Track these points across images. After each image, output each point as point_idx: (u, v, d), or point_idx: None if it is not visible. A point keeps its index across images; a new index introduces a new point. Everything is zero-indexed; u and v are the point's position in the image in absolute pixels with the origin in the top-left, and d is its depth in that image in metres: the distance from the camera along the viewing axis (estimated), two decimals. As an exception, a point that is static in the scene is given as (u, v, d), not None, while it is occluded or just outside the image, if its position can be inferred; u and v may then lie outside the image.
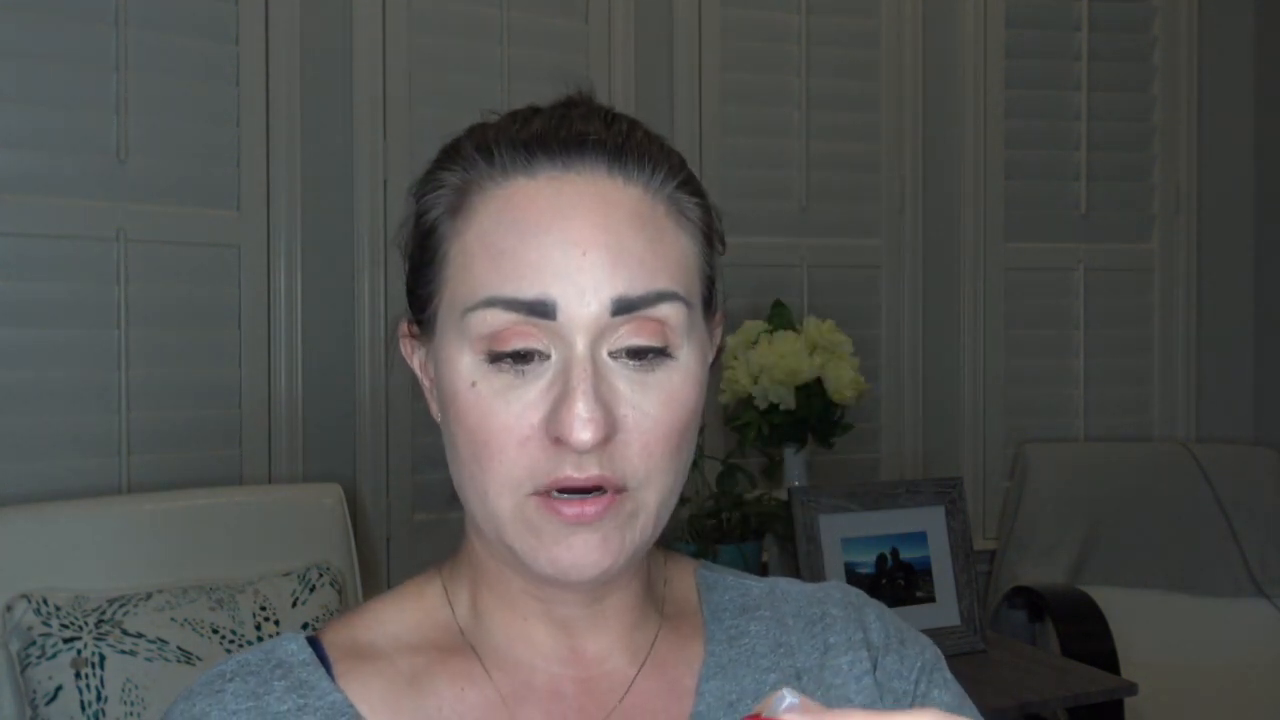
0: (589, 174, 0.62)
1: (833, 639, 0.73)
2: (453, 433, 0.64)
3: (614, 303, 0.61)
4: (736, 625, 0.73)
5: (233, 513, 2.01)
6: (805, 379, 2.21)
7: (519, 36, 2.41)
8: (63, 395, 2.02)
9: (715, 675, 0.70)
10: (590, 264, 0.60)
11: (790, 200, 2.71)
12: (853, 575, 2.07)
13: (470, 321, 0.62)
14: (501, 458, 0.61)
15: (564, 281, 0.60)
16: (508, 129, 0.65)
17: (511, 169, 0.63)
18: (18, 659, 1.71)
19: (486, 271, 0.61)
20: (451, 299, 0.63)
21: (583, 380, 0.60)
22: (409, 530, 2.34)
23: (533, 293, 0.60)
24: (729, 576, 0.77)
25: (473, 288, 0.62)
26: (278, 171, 2.23)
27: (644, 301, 0.61)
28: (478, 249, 0.62)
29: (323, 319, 2.28)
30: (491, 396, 0.61)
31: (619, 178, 0.63)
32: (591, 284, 0.60)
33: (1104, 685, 1.96)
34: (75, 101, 2.03)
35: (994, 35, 2.85)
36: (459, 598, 0.70)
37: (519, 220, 0.61)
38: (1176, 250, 2.99)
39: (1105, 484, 2.79)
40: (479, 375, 0.62)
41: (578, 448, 0.59)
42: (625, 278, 0.61)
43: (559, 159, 0.62)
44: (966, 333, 2.87)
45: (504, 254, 0.61)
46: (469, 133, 0.67)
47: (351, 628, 0.70)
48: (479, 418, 0.61)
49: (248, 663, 0.67)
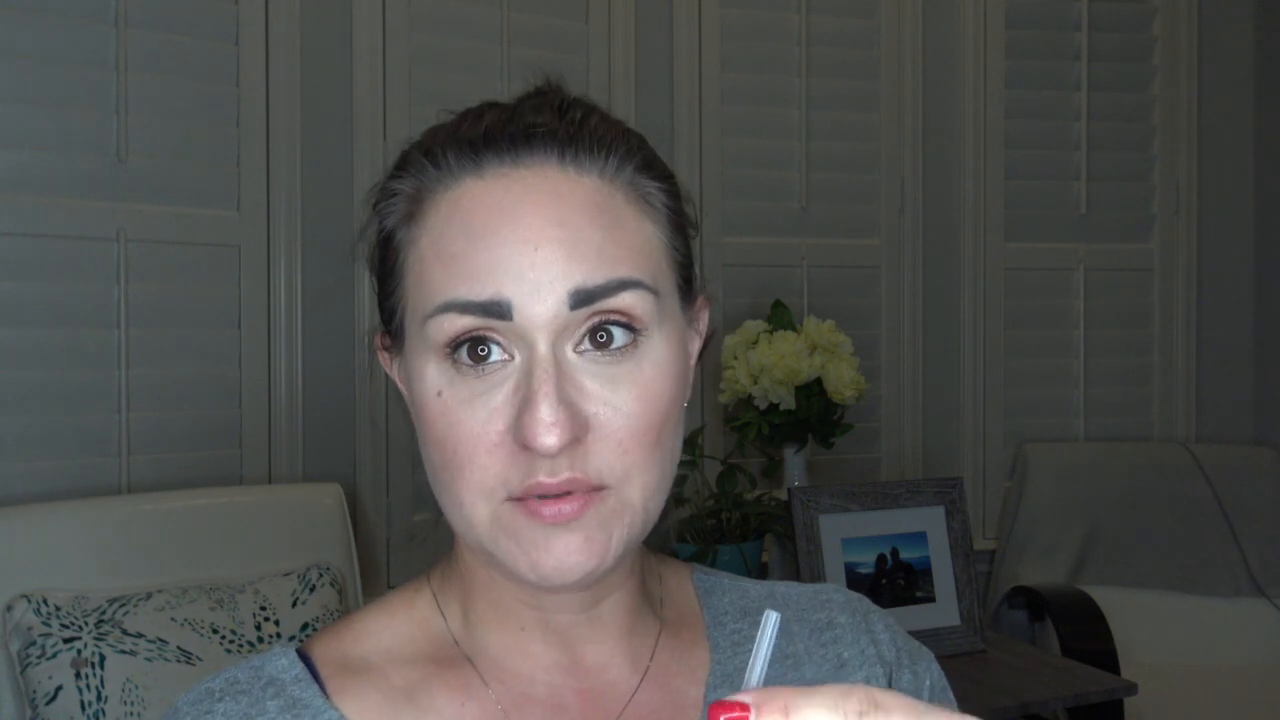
0: (539, 167, 0.61)
1: (845, 653, 0.72)
2: (424, 441, 0.62)
3: (571, 296, 0.59)
4: (739, 630, 0.72)
5: (233, 513, 2.01)
6: (805, 379, 2.21)
7: (519, 36, 2.41)
8: (63, 395, 2.01)
9: (721, 684, 0.68)
10: (543, 259, 0.58)
11: (790, 200, 2.71)
12: (853, 575, 2.07)
13: (429, 329, 0.60)
14: (472, 466, 0.59)
15: (517, 280, 0.58)
16: (456, 130, 0.63)
17: (459, 171, 0.61)
18: (18, 659, 1.71)
19: (440, 277, 0.60)
20: (412, 308, 0.62)
21: (545, 382, 0.58)
22: (409, 530, 2.34)
23: (486, 294, 0.59)
24: (725, 579, 0.75)
25: (429, 294, 0.60)
26: (278, 171, 2.23)
27: (604, 291, 0.59)
28: (431, 255, 0.61)
29: (323, 319, 2.28)
30: (458, 404, 0.59)
31: (570, 168, 0.61)
32: (546, 279, 0.58)
33: (1104, 685, 1.96)
34: (75, 101, 2.03)
35: (994, 35, 2.85)
36: (450, 608, 0.68)
37: (468, 222, 0.60)
38: (1176, 250, 2.99)
39: (1105, 484, 2.79)
40: (444, 383, 0.60)
41: (543, 453, 0.57)
42: (582, 269, 0.59)
43: (507, 155, 0.61)
44: (966, 333, 2.87)
45: (455, 257, 0.60)
46: (421, 137, 0.65)
47: (340, 640, 0.67)
48: (446, 426, 0.60)
49: (237, 680, 0.64)
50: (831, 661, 0.71)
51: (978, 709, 1.82)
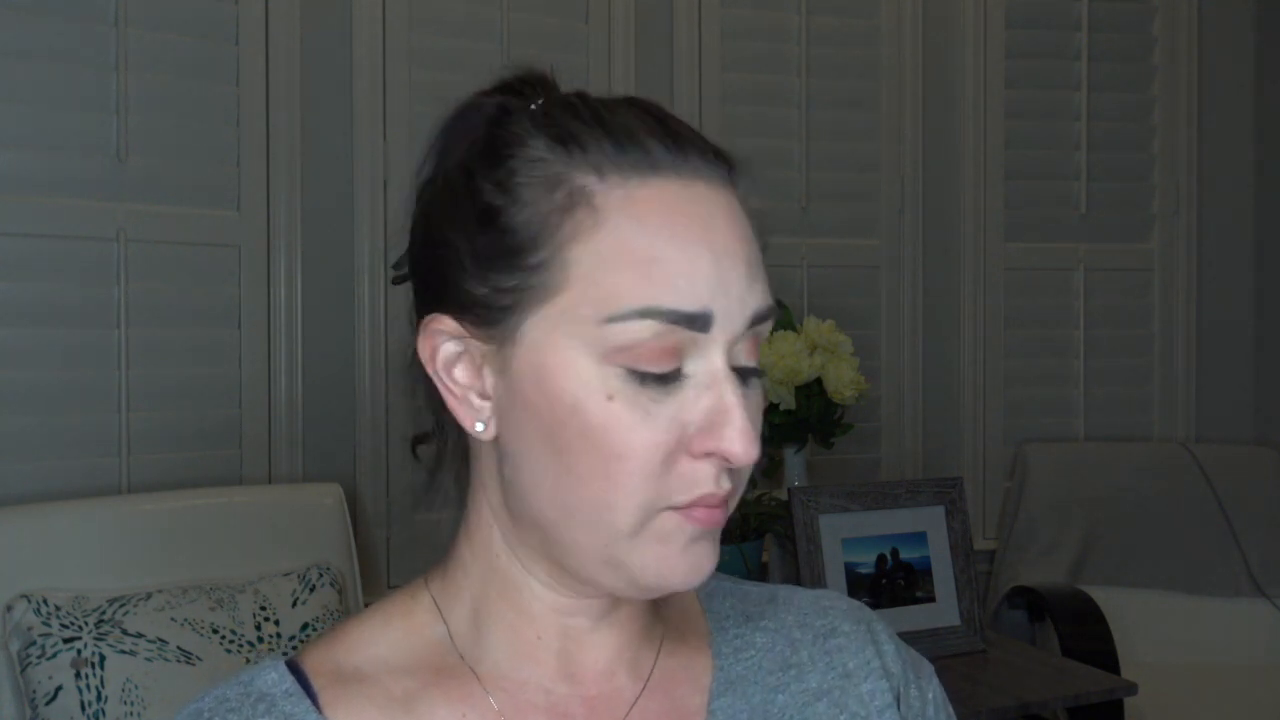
0: (703, 177, 0.60)
1: (850, 662, 0.71)
2: (567, 448, 0.58)
3: (754, 315, 0.59)
4: (741, 636, 0.71)
5: (233, 513, 2.01)
6: (805, 379, 2.21)
7: (519, 36, 2.41)
8: (63, 395, 2.01)
9: (725, 692, 0.68)
10: (741, 276, 0.59)
11: (790, 200, 2.71)
12: (853, 575, 2.07)
13: (612, 331, 0.56)
14: (642, 475, 0.57)
15: (722, 294, 0.58)
16: (623, 119, 0.60)
17: (644, 167, 0.58)
18: (18, 659, 1.71)
19: (631, 280, 0.56)
20: (573, 305, 0.57)
21: (736, 394, 0.58)
22: (409, 530, 2.33)
23: (693, 305, 0.57)
24: (727, 582, 0.75)
25: (615, 295, 0.57)
26: (278, 171, 2.23)
27: (768, 314, 0.61)
28: (617, 253, 0.57)
29: (323, 319, 2.28)
30: (633, 411, 0.57)
31: (716, 180, 0.60)
32: (738, 295, 0.58)
33: (1104, 685, 1.96)
34: (75, 101, 2.03)
35: (994, 35, 2.85)
36: (454, 613, 0.66)
37: (666, 226, 0.57)
38: (1176, 250, 2.99)
39: (1105, 484, 2.79)
40: (616, 388, 0.57)
41: (744, 464, 0.58)
42: (761, 290, 0.60)
43: (677, 159, 0.59)
44: (966, 333, 2.87)
45: (655, 262, 0.57)
46: (570, 111, 0.61)
47: (333, 650, 0.65)
48: (620, 432, 0.57)
49: (226, 699, 0.62)
50: (837, 670, 0.71)
51: (978, 709, 1.82)
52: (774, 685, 0.69)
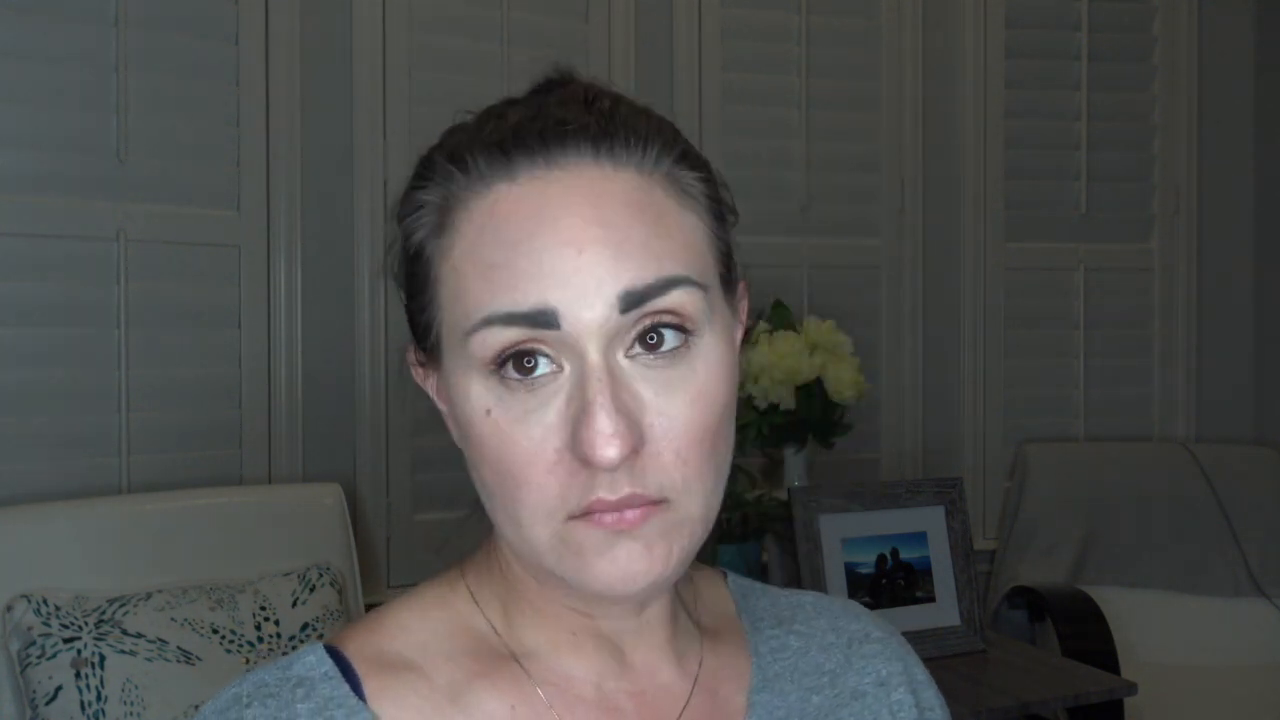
0: (573, 166, 0.57)
1: (884, 669, 0.72)
2: (476, 462, 0.59)
3: (621, 299, 0.55)
4: (776, 637, 0.71)
5: (233, 513, 2.01)
6: (805, 379, 2.21)
7: (519, 36, 2.41)
8: (63, 395, 2.01)
9: (763, 689, 0.68)
10: (589, 262, 0.55)
11: (790, 200, 2.71)
12: (853, 575, 2.07)
13: (472, 345, 0.57)
14: (529, 486, 0.56)
15: (562, 286, 0.55)
16: (480, 131, 0.60)
17: (490, 175, 0.58)
18: (18, 659, 1.71)
19: (479, 289, 0.57)
20: (451, 324, 0.59)
21: (600, 392, 0.55)
22: (409, 530, 2.34)
23: (530, 303, 0.55)
24: (757, 585, 0.75)
25: (468, 308, 0.57)
26: (278, 171, 2.23)
27: (654, 291, 0.56)
28: (467, 267, 0.57)
29: (323, 319, 2.28)
30: (510, 423, 0.56)
31: (607, 164, 0.58)
32: (593, 283, 0.55)
33: (1104, 685, 1.96)
34: (75, 101, 2.03)
35: (994, 35, 2.85)
36: (491, 606, 0.65)
37: (504, 229, 0.57)
38: (1176, 250, 2.99)
39: (1105, 484, 2.79)
40: (492, 401, 0.57)
41: (603, 466, 0.54)
42: (630, 270, 0.56)
43: (539, 155, 0.57)
44: (966, 333, 2.87)
45: (494, 267, 0.56)
46: (442, 141, 0.62)
47: (374, 635, 0.64)
48: (499, 447, 0.57)
49: (265, 684, 0.61)
50: (872, 676, 0.71)
51: (978, 709, 1.82)
52: (810, 686, 0.69)
